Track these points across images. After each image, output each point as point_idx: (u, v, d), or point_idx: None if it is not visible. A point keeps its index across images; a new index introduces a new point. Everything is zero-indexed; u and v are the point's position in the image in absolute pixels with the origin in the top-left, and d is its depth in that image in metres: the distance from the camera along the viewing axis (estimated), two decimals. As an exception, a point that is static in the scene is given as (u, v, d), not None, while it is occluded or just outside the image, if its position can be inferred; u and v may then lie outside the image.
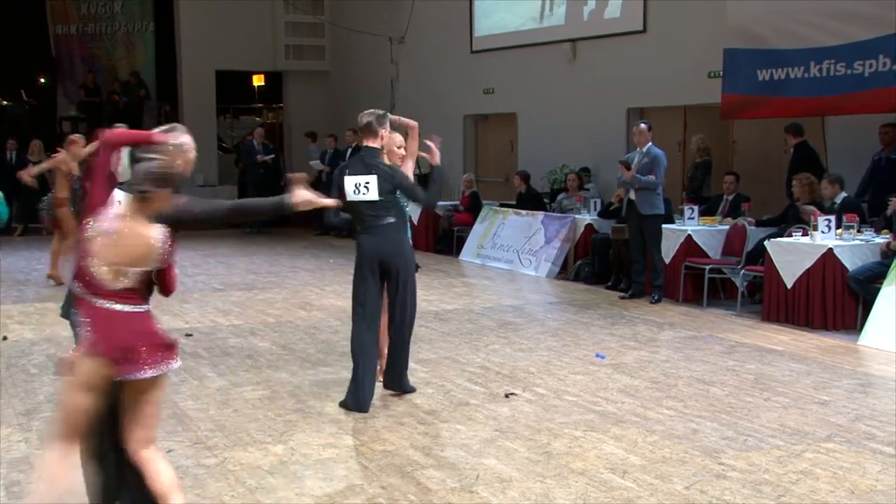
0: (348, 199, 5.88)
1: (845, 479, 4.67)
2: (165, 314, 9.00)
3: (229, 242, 15.69)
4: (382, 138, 6.03)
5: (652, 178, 9.73)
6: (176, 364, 3.60)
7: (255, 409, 5.93)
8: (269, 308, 9.63)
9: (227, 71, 20.08)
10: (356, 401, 5.87)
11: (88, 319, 3.54)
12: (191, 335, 8.17)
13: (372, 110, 6.12)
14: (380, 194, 5.89)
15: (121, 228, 3.51)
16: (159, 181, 3.50)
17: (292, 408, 5.95)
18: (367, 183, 5.88)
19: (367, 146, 6.02)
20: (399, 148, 6.39)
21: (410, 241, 6.28)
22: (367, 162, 5.95)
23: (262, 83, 22.00)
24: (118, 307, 3.52)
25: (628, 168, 9.75)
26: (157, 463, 3.61)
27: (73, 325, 3.87)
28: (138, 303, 3.57)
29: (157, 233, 3.52)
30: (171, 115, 20.58)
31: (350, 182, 5.91)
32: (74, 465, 3.66)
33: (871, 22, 9.36)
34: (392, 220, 5.94)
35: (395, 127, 6.41)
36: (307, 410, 5.90)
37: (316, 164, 16.78)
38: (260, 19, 19.90)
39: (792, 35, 10.05)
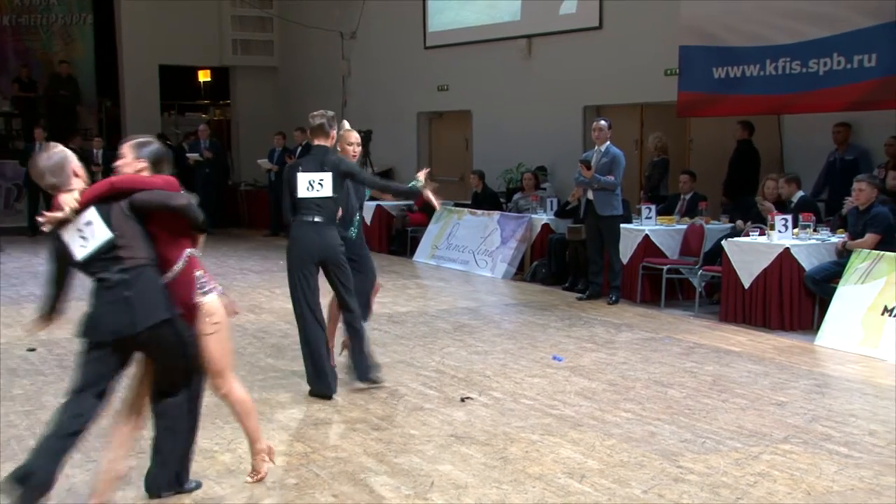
0: (299, 195, 6.22)
1: (802, 480, 4.76)
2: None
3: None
4: (333, 139, 6.36)
5: (611, 178, 9.81)
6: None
7: (203, 416, 5.81)
8: (216, 312, 9.53)
9: (171, 66, 19.84)
10: (326, 385, 6.25)
11: None
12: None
13: (322, 111, 6.43)
14: (333, 191, 6.21)
15: None
16: None
17: (241, 415, 5.90)
18: (322, 180, 6.18)
19: (318, 145, 6.34)
20: (350, 145, 6.70)
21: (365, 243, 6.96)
22: (321, 160, 6.25)
23: (209, 79, 21.79)
24: None
25: (588, 167, 9.82)
26: None
27: None
28: None
29: None
30: (112, 111, 20.31)
31: (304, 179, 6.21)
32: None
33: (825, 21, 9.54)
34: (333, 218, 6.30)
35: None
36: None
37: (264, 162, 16.68)
38: (205, 12, 19.71)
39: (747, 33, 10.21)
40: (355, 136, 6.84)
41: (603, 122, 10.08)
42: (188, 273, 4.28)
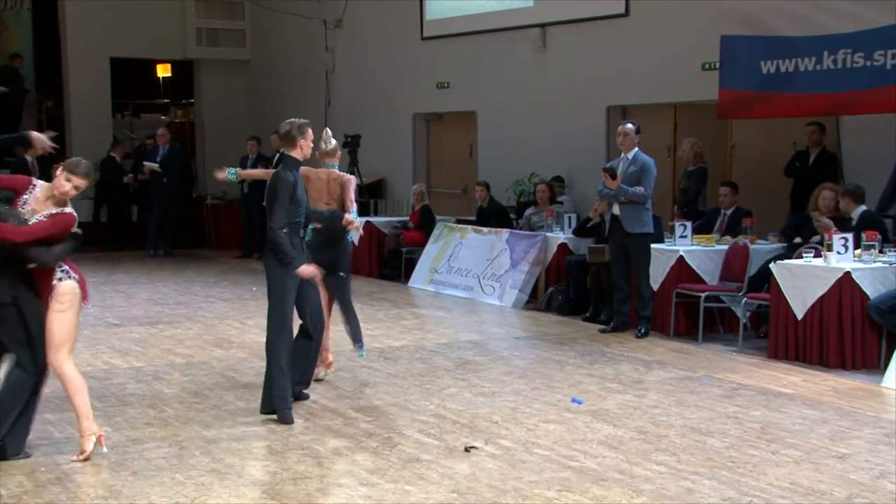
0: None
1: (868, 545, 4.74)
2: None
3: (128, 267, 15.53)
4: (302, 149, 6.92)
5: (641, 189, 9.82)
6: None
7: (160, 470, 5.86)
8: (177, 346, 9.53)
9: (124, 59, 19.91)
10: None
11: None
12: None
13: (292, 120, 7.02)
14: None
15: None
16: None
17: (206, 468, 5.89)
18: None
19: (285, 153, 7.04)
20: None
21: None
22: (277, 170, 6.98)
23: (169, 74, 21.86)
24: None
25: (613, 177, 9.84)
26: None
27: None
28: None
29: None
30: (54, 111, 20.36)
31: None
32: None
33: (892, 5, 9.55)
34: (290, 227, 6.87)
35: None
36: (224, 471, 5.84)
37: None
38: (165, -3, 19.81)
39: (801, 20, 10.22)
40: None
41: (630, 126, 10.10)
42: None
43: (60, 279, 5.93)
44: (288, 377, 6.91)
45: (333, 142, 7.95)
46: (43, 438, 6.49)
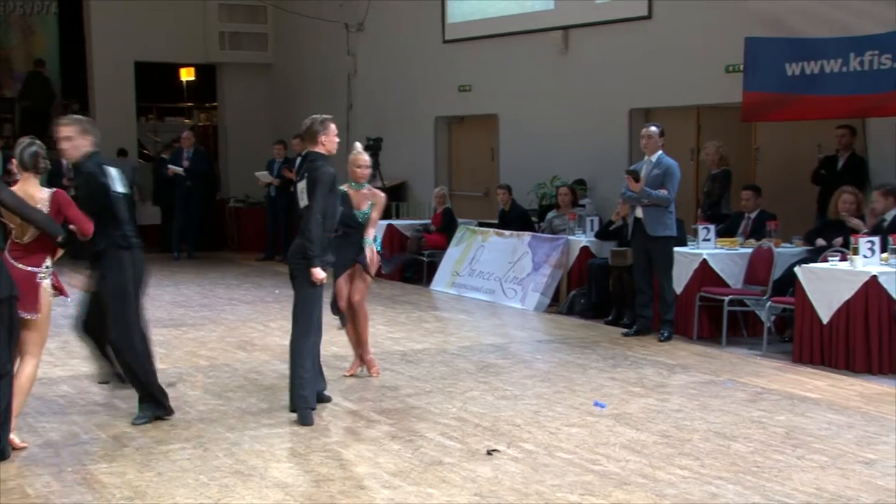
0: (300, 207, 6.98)
1: (895, 551, 4.70)
2: (74, 357, 8.91)
3: (152, 269, 15.54)
4: (324, 144, 7.00)
5: (664, 192, 9.79)
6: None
7: (184, 471, 5.89)
8: (200, 349, 9.57)
9: (148, 63, 20.02)
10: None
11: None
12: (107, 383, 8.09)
13: (314, 116, 7.13)
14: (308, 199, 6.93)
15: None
16: None
17: (229, 469, 5.92)
18: (302, 190, 6.97)
19: (309, 150, 7.10)
20: (360, 168, 7.87)
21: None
22: (305, 167, 7.04)
23: (192, 78, 21.96)
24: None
25: (637, 179, 9.82)
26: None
27: None
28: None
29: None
30: (80, 114, 20.43)
31: (299, 189, 6.99)
32: None
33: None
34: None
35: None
36: (247, 472, 5.86)
37: (263, 175, 16.76)
38: (189, 1, 19.89)
39: (826, 22, 10.16)
40: (363, 160, 7.85)
41: (653, 129, 10.08)
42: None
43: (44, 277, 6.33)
44: (311, 378, 6.92)
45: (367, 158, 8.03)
46: (69, 440, 6.53)
